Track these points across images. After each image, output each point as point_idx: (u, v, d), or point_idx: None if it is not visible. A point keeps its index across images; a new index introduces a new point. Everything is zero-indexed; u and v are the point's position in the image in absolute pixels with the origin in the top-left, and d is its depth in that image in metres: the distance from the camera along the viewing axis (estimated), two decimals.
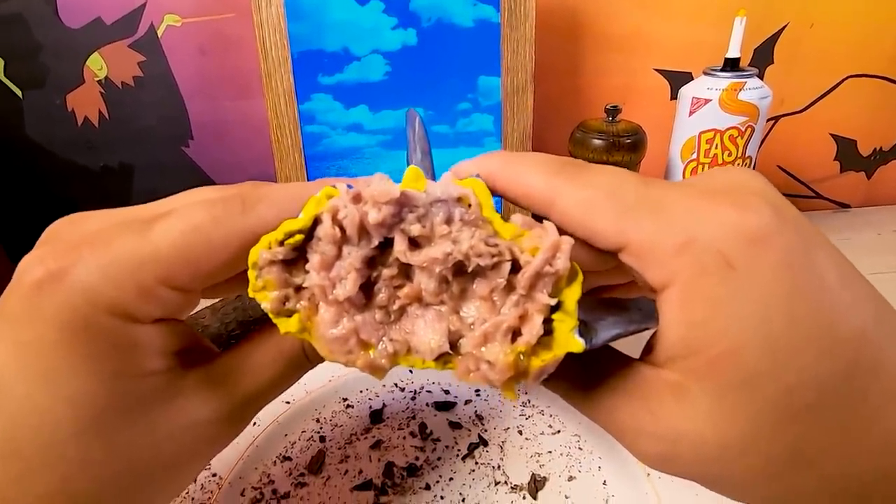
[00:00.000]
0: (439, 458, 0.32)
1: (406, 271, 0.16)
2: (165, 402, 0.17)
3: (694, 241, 0.14)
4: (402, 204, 0.15)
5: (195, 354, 0.18)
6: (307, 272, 0.15)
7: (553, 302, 0.14)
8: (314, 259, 0.15)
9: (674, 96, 0.56)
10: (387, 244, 0.15)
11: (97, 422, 0.15)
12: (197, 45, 0.52)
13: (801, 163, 0.62)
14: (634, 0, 0.53)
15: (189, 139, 0.56)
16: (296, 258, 0.16)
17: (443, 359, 0.15)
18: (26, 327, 0.15)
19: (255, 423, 0.33)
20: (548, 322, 0.15)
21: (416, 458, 0.32)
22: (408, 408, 0.36)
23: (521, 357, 0.14)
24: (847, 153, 0.61)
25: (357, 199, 0.15)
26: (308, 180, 0.49)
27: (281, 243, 0.15)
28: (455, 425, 0.34)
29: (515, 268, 0.15)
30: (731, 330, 0.13)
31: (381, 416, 0.35)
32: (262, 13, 0.45)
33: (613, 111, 0.44)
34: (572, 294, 0.15)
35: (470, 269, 0.15)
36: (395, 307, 0.15)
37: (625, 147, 0.42)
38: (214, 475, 0.30)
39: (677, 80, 0.55)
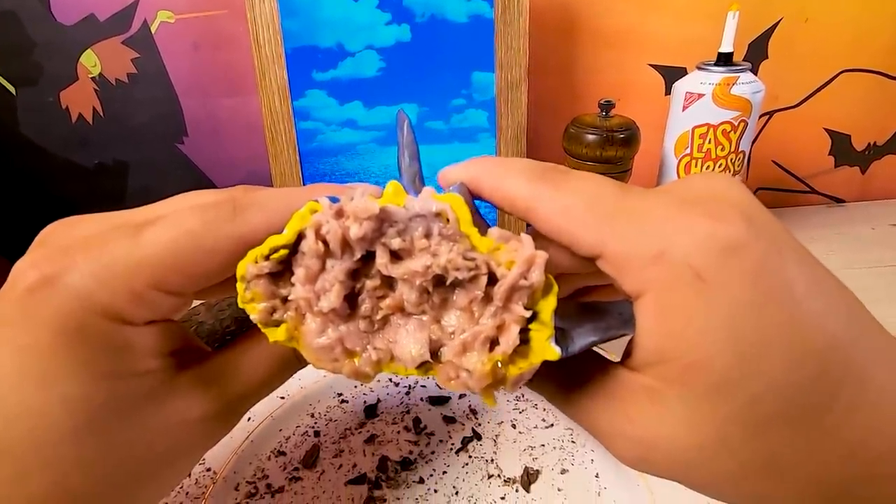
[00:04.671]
0: (433, 452, 0.32)
1: (389, 282, 0.16)
2: (158, 402, 0.17)
3: (666, 254, 0.14)
4: (383, 219, 0.15)
5: (188, 354, 0.19)
6: (293, 284, 0.16)
7: (528, 314, 0.15)
8: (299, 272, 0.15)
9: (668, 91, 0.56)
10: (369, 256, 0.16)
11: (92, 421, 0.15)
12: (190, 41, 0.52)
13: (796, 158, 0.62)
14: None
15: (183, 136, 0.56)
16: (282, 270, 0.16)
17: (424, 366, 0.16)
18: (21, 331, 0.15)
19: (249, 419, 0.33)
20: (524, 331, 0.15)
21: (410, 452, 0.32)
22: (402, 402, 0.36)
23: (499, 365, 0.15)
24: (841, 148, 0.61)
25: (339, 214, 0.15)
26: (302, 176, 0.49)
27: (267, 258, 0.16)
28: (449, 419, 0.34)
29: (493, 280, 0.15)
30: (701, 340, 0.14)
31: (376, 411, 0.35)
32: (256, 9, 0.45)
33: (607, 106, 0.44)
34: (548, 305, 0.15)
35: (449, 282, 0.15)
36: (379, 317, 0.16)
37: (618, 142, 0.42)
38: (209, 470, 0.30)
39: (671, 75, 0.55)
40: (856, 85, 0.57)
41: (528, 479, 0.30)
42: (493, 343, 0.15)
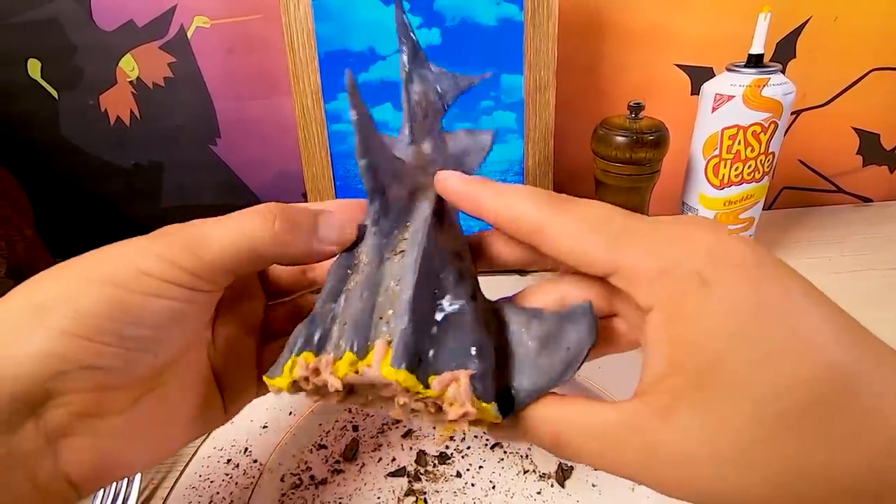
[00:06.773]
0: (469, 447, 0.33)
1: None
2: None
3: (674, 265, 0.15)
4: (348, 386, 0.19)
5: None
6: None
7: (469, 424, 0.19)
8: (308, 392, 0.20)
9: (694, 91, 0.56)
10: None
11: None
12: (225, 45, 0.53)
13: (823, 157, 0.61)
14: None
15: (217, 138, 0.57)
16: None
17: None
18: None
19: (290, 413, 0.35)
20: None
21: (447, 447, 0.33)
22: None
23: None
24: (870, 147, 0.61)
25: (316, 372, 0.19)
26: (334, 177, 0.50)
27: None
28: None
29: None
30: (709, 344, 0.14)
31: None
32: (291, 14, 0.46)
33: (636, 108, 0.44)
34: (487, 409, 0.18)
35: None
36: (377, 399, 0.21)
37: (648, 144, 0.43)
38: (255, 461, 0.32)
39: (698, 75, 0.55)
40: (885, 83, 0.57)
41: (563, 474, 0.31)
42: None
